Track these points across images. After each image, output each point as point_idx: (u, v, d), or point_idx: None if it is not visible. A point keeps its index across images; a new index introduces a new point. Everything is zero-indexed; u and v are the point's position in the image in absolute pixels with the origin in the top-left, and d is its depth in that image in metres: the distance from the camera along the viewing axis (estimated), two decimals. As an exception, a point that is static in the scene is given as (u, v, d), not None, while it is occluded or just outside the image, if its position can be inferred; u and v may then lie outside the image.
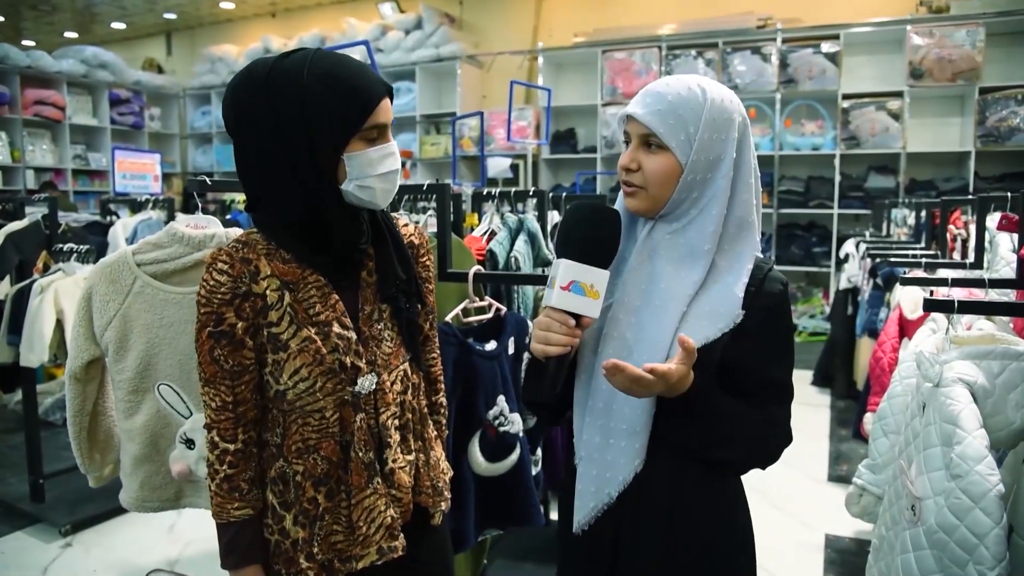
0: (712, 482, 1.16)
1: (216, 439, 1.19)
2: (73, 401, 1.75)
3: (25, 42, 10.46)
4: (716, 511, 1.16)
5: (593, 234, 1.08)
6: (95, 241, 3.40)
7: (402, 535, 1.24)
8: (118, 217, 3.81)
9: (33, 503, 3.24)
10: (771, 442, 1.14)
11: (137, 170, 3.83)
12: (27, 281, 3.00)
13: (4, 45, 7.92)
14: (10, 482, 3.54)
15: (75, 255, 2.80)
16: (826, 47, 6.58)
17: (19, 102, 8.06)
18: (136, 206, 3.79)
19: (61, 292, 2.65)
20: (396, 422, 1.26)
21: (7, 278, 3.40)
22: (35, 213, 3.45)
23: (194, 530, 3.04)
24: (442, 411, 1.45)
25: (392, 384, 1.25)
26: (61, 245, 2.87)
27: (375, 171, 1.15)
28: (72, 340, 1.69)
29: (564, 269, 1.05)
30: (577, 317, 1.06)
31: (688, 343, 1.01)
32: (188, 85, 10.12)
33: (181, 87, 10.18)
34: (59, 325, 2.62)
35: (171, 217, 3.12)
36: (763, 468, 1.17)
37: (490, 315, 1.95)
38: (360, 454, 1.20)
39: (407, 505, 1.27)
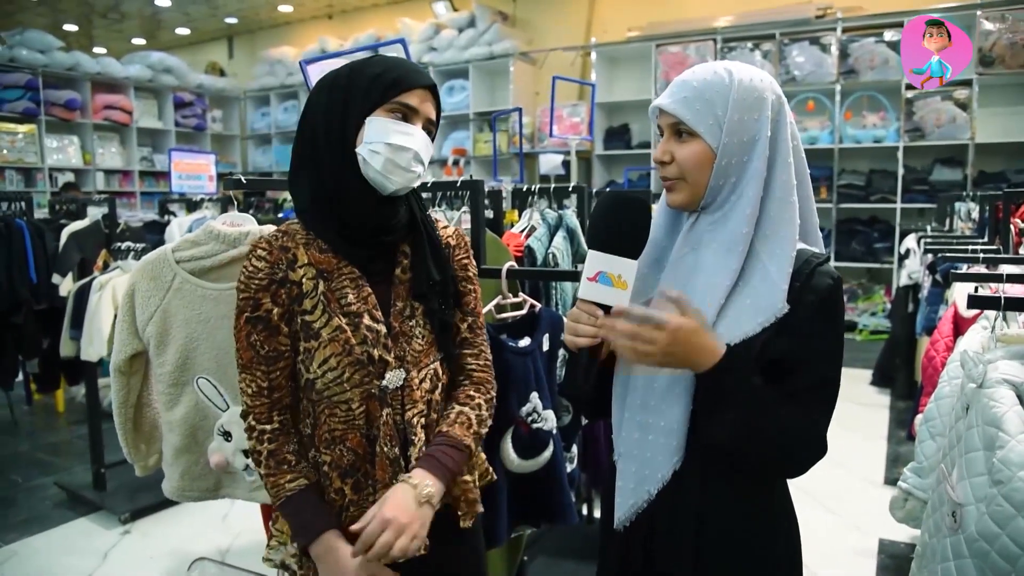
0: (750, 484, 1.12)
1: (253, 423, 1.22)
2: (118, 393, 1.82)
3: (96, 49, 10.92)
4: (754, 514, 1.12)
5: (618, 224, 1.06)
6: (152, 240, 3.54)
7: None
8: (175, 216, 3.94)
9: (96, 491, 3.39)
10: (802, 445, 1.06)
11: (193, 170, 3.95)
12: (88, 278, 3.13)
13: (76, 53, 8.30)
14: (75, 471, 3.71)
15: (132, 253, 2.90)
16: (889, 36, 6.35)
17: (90, 107, 8.44)
18: (192, 205, 3.91)
19: (119, 289, 2.75)
20: (423, 420, 1.25)
21: (70, 275, 3.56)
22: (96, 213, 3.60)
23: (245, 521, 3.12)
24: (475, 405, 1.31)
25: (421, 382, 1.25)
26: (119, 244, 2.98)
27: (388, 139, 1.17)
28: (116, 334, 1.76)
29: (590, 260, 1.05)
30: (606, 308, 1.05)
31: (671, 293, 1.01)
32: (248, 87, 10.41)
33: (242, 89, 10.48)
34: (116, 320, 2.72)
35: (223, 216, 3.21)
36: (790, 475, 1.12)
37: (524, 311, 1.94)
38: (386, 449, 1.21)
39: None
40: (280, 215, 4.04)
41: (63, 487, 3.50)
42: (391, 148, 1.17)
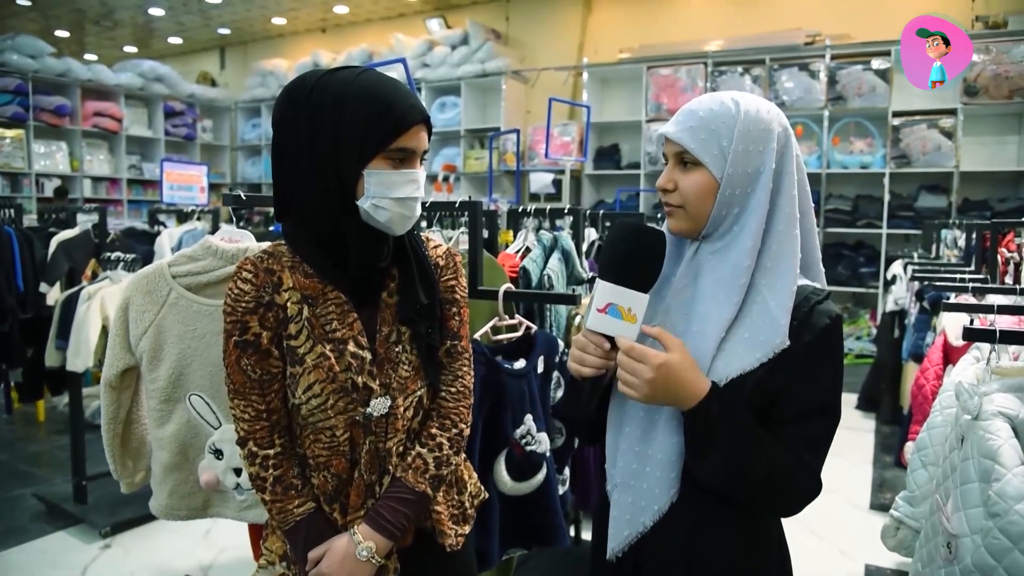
0: (744, 515, 1.11)
1: (254, 448, 1.19)
2: (108, 408, 1.79)
3: (87, 56, 10.88)
4: (747, 545, 1.11)
5: (633, 256, 1.05)
6: (142, 250, 3.50)
7: (395, 556, 1.22)
8: (165, 227, 3.91)
9: (76, 504, 3.33)
10: (794, 486, 1.05)
11: (184, 181, 3.94)
12: (76, 288, 3.09)
13: (68, 59, 8.26)
14: (55, 482, 3.65)
15: (122, 264, 2.87)
16: (876, 63, 6.46)
17: (79, 114, 8.39)
18: (183, 216, 3.88)
19: (107, 299, 2.72)
20: (400, 448, 1.23)
21: (57, 285, 3.52)
22: (86, 222, 3.57)
23: (228, 537, 3.08)
24: (436, 445, 1.25)
25: (405, 410, 1.22)
26: (109, 254, 2.95)
27: (392, 193, 1.13)
28: (108, 348, 1.73)
29: (601, 291, 1.04)
30: (613, 340, 1.04)
31: (651, 330, 1.03)
32: (240, 98, 10.40)
33: (233, 100, 10.47)
34: (104, 331, 2.68)
35: (215, 228, 3.19)
36: (782, 515, 1.12)
37: (520, 333, 1.94)
38: (364, 475, 1.20)
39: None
40: (271, 228, 4.02)
41: (42, 499, 3.43)
42: (397, 202, 1.14)
